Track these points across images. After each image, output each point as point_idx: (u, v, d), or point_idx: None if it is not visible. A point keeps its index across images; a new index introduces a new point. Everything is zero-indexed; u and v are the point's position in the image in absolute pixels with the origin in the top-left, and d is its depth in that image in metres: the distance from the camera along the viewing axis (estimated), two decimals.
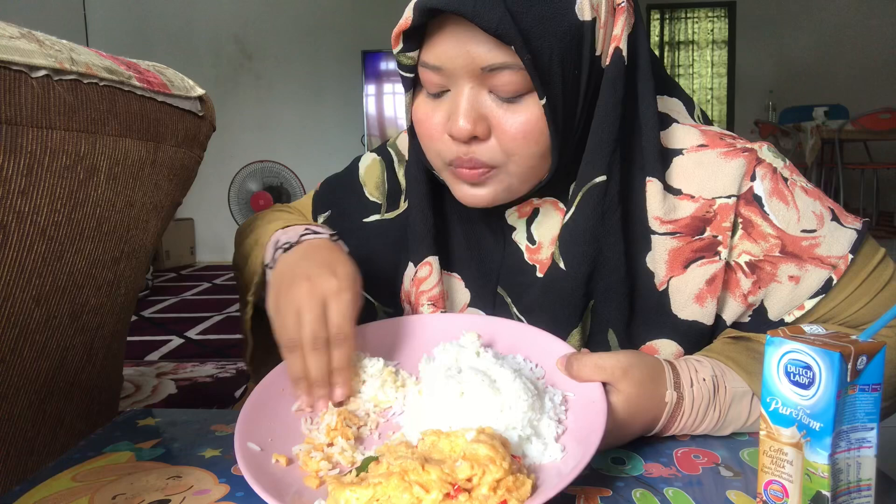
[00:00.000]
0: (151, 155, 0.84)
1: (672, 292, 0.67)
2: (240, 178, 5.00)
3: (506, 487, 0.45)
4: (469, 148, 0.63)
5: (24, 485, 0.54)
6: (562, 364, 0.59)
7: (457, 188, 0.68)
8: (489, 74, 0.60)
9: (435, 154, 0.67)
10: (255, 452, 0.53)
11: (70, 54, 0.69)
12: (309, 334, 0.59)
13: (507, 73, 0.60)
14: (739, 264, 0.66)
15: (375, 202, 0.83)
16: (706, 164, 0.67)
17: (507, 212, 0.72)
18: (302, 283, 0.62)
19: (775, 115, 5.35)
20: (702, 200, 0.66)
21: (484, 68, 0.60)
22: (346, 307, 0.61)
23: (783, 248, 0.65)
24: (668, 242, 0.66)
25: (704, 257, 0.66)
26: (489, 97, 0.62)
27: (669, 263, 0.67)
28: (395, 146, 0.85)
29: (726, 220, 0.65)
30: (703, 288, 0.66)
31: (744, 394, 0.60)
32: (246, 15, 5.24)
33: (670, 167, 0.68)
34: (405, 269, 0.76)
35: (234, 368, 2.37)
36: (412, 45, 0.63)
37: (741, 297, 0.67)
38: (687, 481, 0.53)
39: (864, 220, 0.68)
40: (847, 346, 0.42)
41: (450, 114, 0.63)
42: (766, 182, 0.65)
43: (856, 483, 0.44)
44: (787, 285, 0.66)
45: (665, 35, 5.97)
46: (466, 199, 0.67)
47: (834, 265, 0.65)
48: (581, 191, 0.66)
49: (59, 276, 0.73)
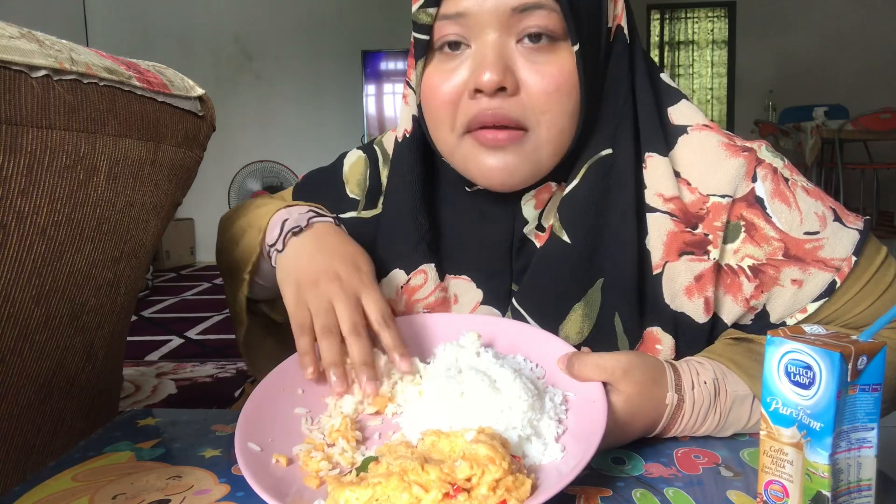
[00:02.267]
0: (151, 155, 0.84)
1: (665, 280, 0.66)
2: (240, 178, 5.00)
3: (505, 487, 0.45)
4: (496, 105, 0.59)
5: (24, 485, 0.54)
6: (563, 363, 0.59)
7: (475, 162, 0.63)
8: (520, 16, 0.58)
9: (449, 125, 0.63)
10: (256, 452, 0.52)
11: (70, 54, 0.69)
12: (349, 321, 0.59)
13: (540, 13, 0.58)
14: (742, 268, 0.65)
15: (354, 198, 0.81)
16: (707, 151, 0.66)
17: (524, 198, 0.68)
18: (333, 281, 0.62)
19: (775, 115, 5.35)
20: (697, 194, 0.66)
21: (515, 8, 0.57)
22: (380, 297, 0.62)
23: (786, 251, 0.64)
24: (667, 223, 0.65)
25: (694, 253, 0.65)
26: (517, 48, 0.59)
27: (667, 245, 0.65)
28: (381, 144, 0.83)
29: (718, 219, 0.64)
30: (692, 283, 0.65)
31: (745, 397, 0.59)
32: (246, 15, 5.23)
33: (675, 147, 0.67)
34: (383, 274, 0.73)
35: (234, 368, 2.37)
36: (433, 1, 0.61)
37: (743, 301, 0.66)
38: (687, 481, 0.53)
39: (865, 219, 0.67)
40: (847, 346, 0.42)
41: (472, 70, 0.60)
42: (768, 183, 0.65)
43: (856, 483, 0.44)
44: (790, 289, 0.65)
45: (665, 35, 5.97)
46: (483, 175, 0.63)
47: (837, 268, 0.64)
48: (587, 164, 0.64)
49: (58, 276, 0.73)
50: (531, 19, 0.58)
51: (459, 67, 0.61)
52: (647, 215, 0.66)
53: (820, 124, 4.48)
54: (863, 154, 5.02)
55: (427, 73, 0.64)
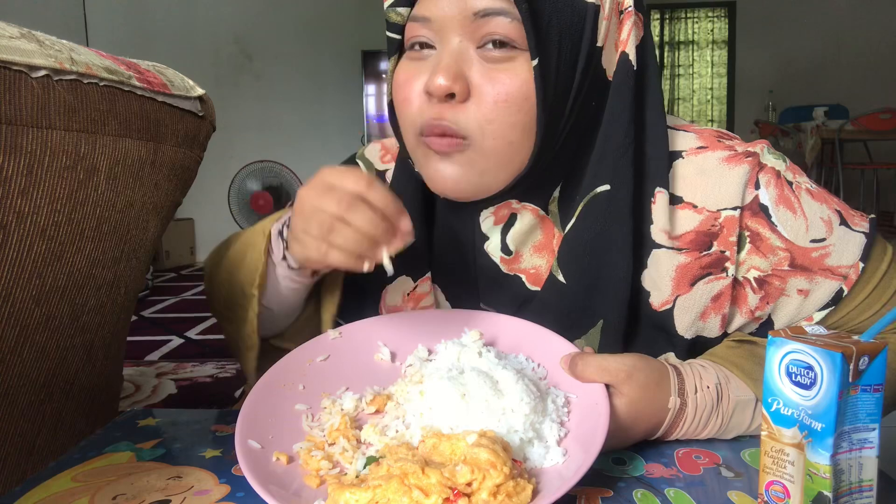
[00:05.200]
0: (151, 155, 0.84)
1: (678, 313, 0.65)
2: (240, 178, 5.00)
3: (506, 493, 0.45)
4: (441, 111, 0.59)
5: (24, 485, 0.54)
6: (566, 363, 0.59)
7: (428, 167, 0.62)
8: (482, 21, 0.57)
9: (410, 123, 0.62)
10: (256, 450, 0.52)
11: (70, 54, 0.68)
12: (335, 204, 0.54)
13: (502, 19, 0.57)
14: (748, 280, 0.64)
15: None
16: (709, 171, 0.64)
17: (483, 214, 0.67)
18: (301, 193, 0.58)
19: (775, 115, 5.34)
20: (706, 213, 0.64)
21: (477, 13, 0.57)
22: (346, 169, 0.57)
23: (792, 261, 0.63)
24: (676, 258, 0.64)
25: (712, 273, 0.64)
26: (476, 54, 0.59)
27: (676, 281, 0.64)
28: (364, 157, 0.81)
29: (732, 233, 0.63)
30: (708, 305, 0.65)
31: (747, 402, 0.59)
32: (246, 15, 5.23)
33: (670, 172, 0.65)
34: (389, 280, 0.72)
35: (234, 368, 2.37)
36: (405, 1, 0.61)
37: (748, 313, 0.65)
38: (688, 482, 0.53)
39: (871, 218, 0.66)
40: (849, 346, 0.42)
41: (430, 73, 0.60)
42: (772, 189, 0.63)
43: (857, 484, 0.44)
44: (796, 299, 0.64)
45: (665, 35, 5.96)
46: (438, 182, 0.62)
47: (844, 275, 0.63)
48: (584, 200, 0.63)
49: (59, 276, 0.73)
50: (492, 25, 0.57)
51: (423, 68, 0.61)
52: (652, 251, 0.64)
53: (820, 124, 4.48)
54: (863, 154, 5.02)
55: (397, 71, 0.64)
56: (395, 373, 0.64)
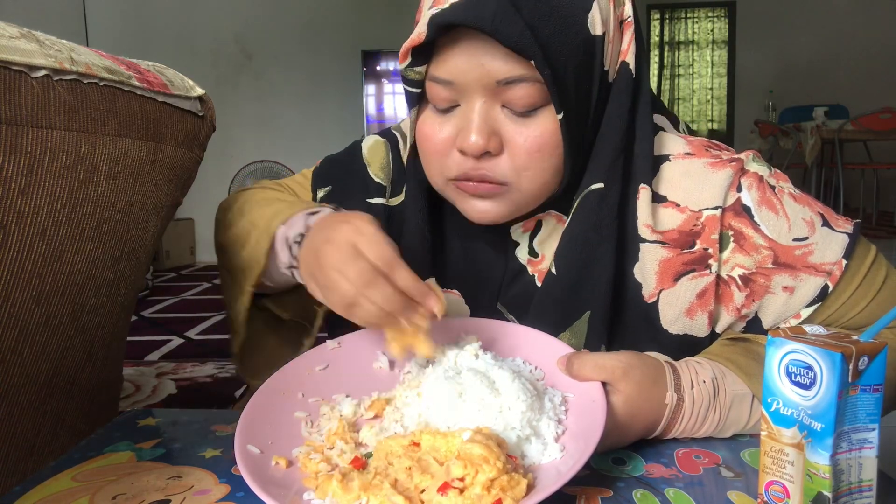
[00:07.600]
0: (151, 155, 0.84)
1: (662, 307, 0.66)
2: (240, 178, 5.00)
3: (500, 487, 0.45)
4: (479, 163, 0.62)
5: (24, 485, 0.54)
6: (562, 363, 0.59)
7: (464, 203, 0.66)
8: (504, 88, 0.59)
9: (438, 171, 0.66)
10: (255, 455, 0.53)
11: (70, 54, 0.69)
12: (356, 277, 0.56)
13: (523, 85, 0.59)
14: (733, 278, 0.66)
15: (380, 183, 0.80)
16: (693, 173, 0.66)
17: (513, 227, 0.71)
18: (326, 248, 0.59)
19: (775, 115, 5.35)
20: (688, 212, 0.66)
21: (499, 81, 0.59)
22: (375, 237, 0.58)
23: (776, 258, 0.65)
24: (659, 252, 0.66)
25: (695, 270, 0.65)
26: (502, 112, 0.61)
27: (660, 275, 0.66)
28: (400, 129, 0.83)
29: (714, 232, 0.65)
30: (694, 301, 0.66)
31: (744, 396, 0.60)
32: (246, 15, 5.23)
33: (657, 173, 0.68)
34: None
35: (233, 368, 2.37)
36: (421, 60, 0.62)
37: (734, 311, 0.66)
38: (688, 482, 0.53)
39: (855, 222, 0.68)
40: (848, 346, 0.42)
41: (459, 129, 0.62)
42: (754, 192, 0.65)
43: (857, 484, 0.44)
44: (781, 296, 0.65)
45: (665, 35, 5.97)
46: (474, 215, 0.66)
47: (829, 272, 0.65)
48: (578, 198, 0.66)
49: (59, 276, 0.73)
50: (515, 91, 0.59)
51: (449, 122, 0.63)
52: (640, 245, 0.66)
53: (820, 124, 4.48)
54: (863, 154, 5.02)
55: (420, 121, 0.66)
56: (393, 380, 0.65)
